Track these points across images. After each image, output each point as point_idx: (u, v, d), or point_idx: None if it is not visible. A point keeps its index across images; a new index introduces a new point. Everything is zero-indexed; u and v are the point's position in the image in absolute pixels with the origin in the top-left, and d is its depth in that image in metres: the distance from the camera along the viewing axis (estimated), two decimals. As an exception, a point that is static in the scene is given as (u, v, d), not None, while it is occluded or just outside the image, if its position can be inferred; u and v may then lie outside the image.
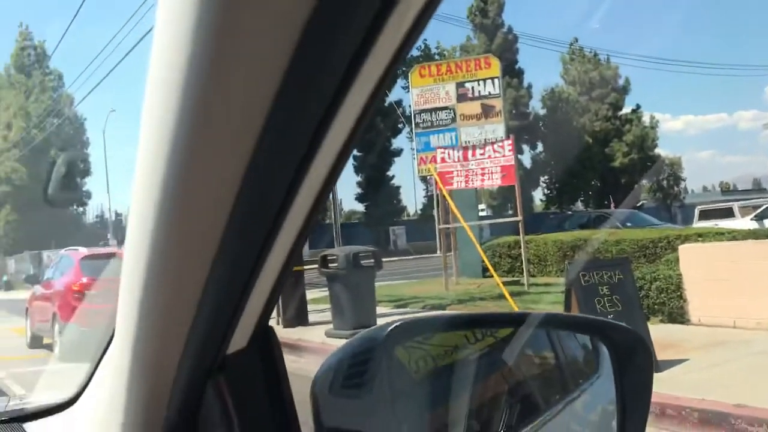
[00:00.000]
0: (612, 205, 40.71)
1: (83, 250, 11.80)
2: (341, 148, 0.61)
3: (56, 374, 7.09)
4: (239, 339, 0.75)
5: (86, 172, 49.17)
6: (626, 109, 44.74)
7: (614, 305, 6.40)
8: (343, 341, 0.91)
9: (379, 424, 0.84)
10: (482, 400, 1.05)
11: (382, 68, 0.56)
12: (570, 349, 1.23)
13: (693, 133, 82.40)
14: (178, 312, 0.68)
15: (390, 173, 46.92)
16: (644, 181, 44.77)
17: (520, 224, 13.59)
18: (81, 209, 51.42)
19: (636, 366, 1.06)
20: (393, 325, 0.88)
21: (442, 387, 1.04)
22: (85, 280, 10.67)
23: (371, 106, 0.59)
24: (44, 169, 44.15)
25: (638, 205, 38.97)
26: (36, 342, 12.09)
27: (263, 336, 0.79)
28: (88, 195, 50.79)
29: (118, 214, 46.93)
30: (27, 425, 1.09)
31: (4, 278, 38.88)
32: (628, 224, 19.55)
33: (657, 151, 45.85)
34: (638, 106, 44.97)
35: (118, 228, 41.14)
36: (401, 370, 0.97)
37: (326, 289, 10.26)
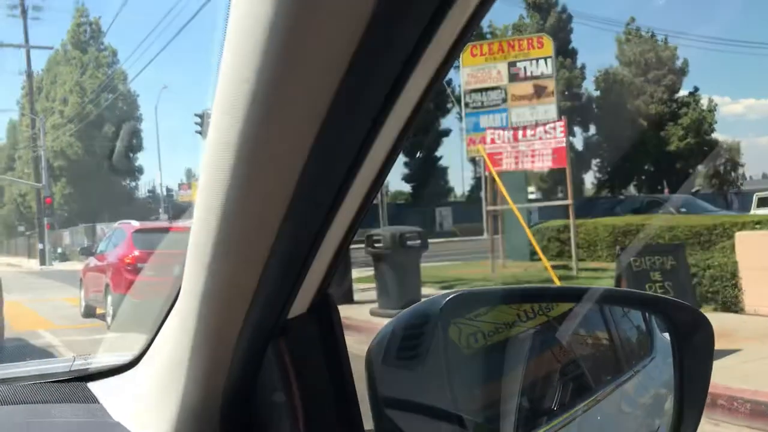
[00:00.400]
0: (666, 190, 39.77)
1: (135, 224, 12.09)
2: (400, 130, 0.63)
3: (112, 341, 7.33)
4: (300, 305, 0.77)
5: (139, 147, 50.28)
6: (683, 92, 43.49)
7: (666, 292, 6.28)
8: (388, 320, 0.92)
9: (432, 397, 0.84)
10: (534, 378, 1.05)
11: (441, 56, 0.58)
12: (624, 331, 1.22)
13: (754, 118, 79.48)
14: (242, 276, 0.69)
15: (438, 154, 46.73)
16: (701, 167, 43.53)
17: (570, 208, 13.40)
18: (133, 184, 52.67)
19: (696, 347, 1.04)
20: (448, 297, 0.88)
21: (494, 363, 1.04)
22: (137, 252, 10.94)
23: (429, 92, 0.60)
24: (99, 143, 45.31)
25: (694, 191, 37.97)
26: (89, 312, 12.47)
27: (323, 303, 0.80)
28: (140, 170, 51.96)
29: (169, 190, 47.97)
30: (90, 384, 1.13)
31: (59, 250, 40.18)
32: (683, 210, 19.10)
33: (715, 135, 44.50)
34: (696, 89, 43.68)
35: (168, 203, 42.05)
36: (452, 345, 0.97)
37: (372, 268, 10.31)
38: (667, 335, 1.11)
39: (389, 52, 0.55)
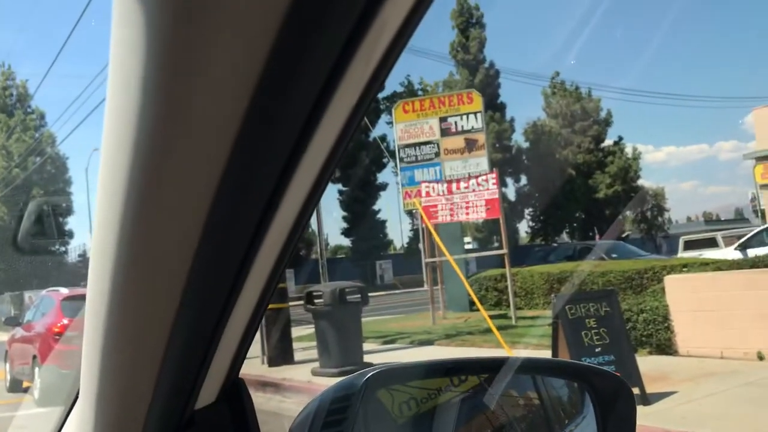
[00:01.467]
0: (597, 236, 40.91)
1: (64, 291, 11.63)
2: (306, 197, 0.59)
3: (33, 419, 6.93)
4: (208, 393, 0.72)
5: (68, 212, 48.81)
6: (608, 141, 45.24)
7: (602, 338, 6.38)
8: (331, 380, 0.88)
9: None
10: (466, 445, 1.03)
11: (346, 113, 0.54)
12: (554, 389, 1.21)
13: (675, 164, 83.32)
14: (142, 367, 0.64)
15: (375, 207, 47.00)
16: (628, 212, 45.06)
17: (505, 257, 13.61)
18: (63, 249, 50.89)
19: (619, 412, 1.04)
20: (370, 373, 0.86)
21: (425, 431, 1.01)
22: (66, 321, 10.49)
23: (333, 159, 0.57)
24: (25, 209, 43.81)
25: (623, 236, 39.20)
26: (15, 386, 11.83)
27: (233, 389, 0.76)
28: (71, 234, 50.30)
29: (101, 253, 46.52)
30: None
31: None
32: (614, 255, 19.63)
33: (640, 182, 46.30)
34: (620, 138, 45.50)
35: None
36: (384, 414, 0.94)
37: (312, 325, 10.16)
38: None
39: (292, 100, 0.50)
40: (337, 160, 0.59)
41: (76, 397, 0.81)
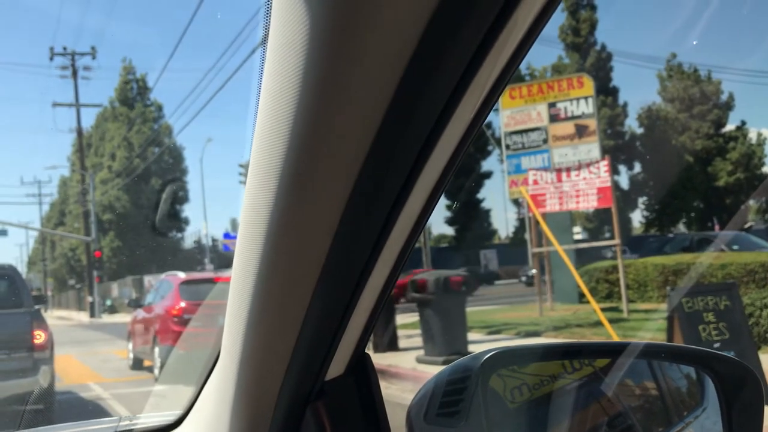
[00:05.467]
0: (716, 227, 38.76)
1: (182, 275, 12.24)
2: (436, 181, 0.62)
3: (159, 396, 7.39)
4: (337, 366, 0.77)
5: (185, 200, 51.33)
6: (730, 126, 42.68)
7: (721, 333, 6.07)
8: (435, 368, 0.91)
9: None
10: (581, 431, 1.02)
11: (477, 103, 0.57)
12: (673, 380, 1.18)
13: (805, 150, 77.41)
14: (280, 340, 0.70)
15: (480, 196, 46.59)
16: (751, 201, 42.39)
17: (617, 247, 13.16)
18: (180, 235, 53.62)
19: (745, 401, 1.00)
20: (488, 354, 0.87)
21: (539, 417, 1.01)
22: (183, 304, 11.06)
23: (466, 141, 0.60)
24: (146, 197, 46.44)
25: (746, 226, 36.90)
26: (137, 364, 12.60)
27: (360, 363, 0.80)
28: (186, 221, 52.93)
29: (214, 240, 48.76)
30: None
31: (108, 302, 40.86)
32: (735, 247, 18.55)
33: (765, 169, 43.41)
34: (743, 123, 42.83)
35: (213, 253, 42.67)
36: (496, 399, 0.95)
37: (415, 313, 10.22)
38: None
39: (423, 104, 0.54)
40: (462, 156, 0.62)
41: (214, 364, 0.87)
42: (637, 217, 45.80)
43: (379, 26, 0.48)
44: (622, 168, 42.49)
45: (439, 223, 47.36)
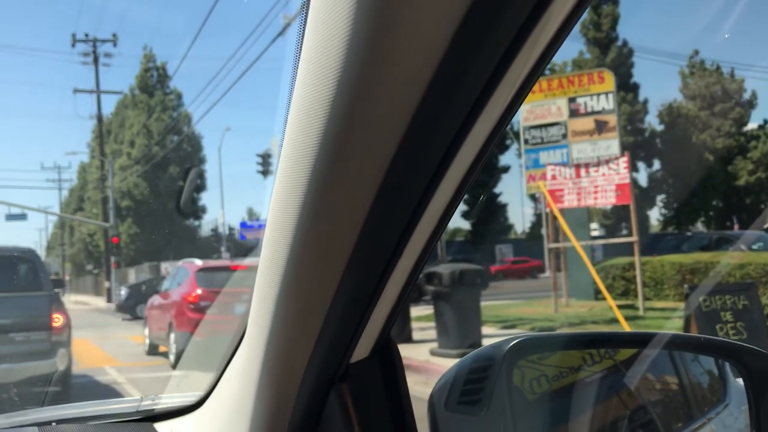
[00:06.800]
0: (736, 226, 38.37)
1: (198, 262, 12.30)
2: (464, 174, 0.63)
3: (176, 380, 7.46)
4: (362, 349, 0.77)
5: (203, 188, 51.58)
6: (752, 125, 42.15)
7: (738, 333, 6.03)
8: (449, 360, 0.91)
9: (496, 443, 0.83)
10: (602, 425, 1.02)
11: (508, 98, 0.57)
12: (694, 375, 1.17)
13: (828, 151, 76.20)
14: (306, 321, 0.70)
15: (497, 190, 46.42)
16: (772, 202, 41.88)
17: (635, 245, 13.06)
18: (197, 223, 53.94)
19: None
20: (512, 342, 0.87)
21: (558, 409, 1.01)
22: (200, 291, 11.12)
23: (496, 135, 0.60)
24: (163, 184, 46.76)
25: (766, 227, 36.47)
26: (153, 350, 12.70)
27: (385, 347, 0.80)
28: (204, 209, 53.21)
29: (231, 229, 49.05)
30: (157, 425, 1.15)
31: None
32: (755, 247, 18.36)
33: (787, 169, 42.87)
34: (766, 121, 42.27)
35: (230, 241, 42.91)
36: (515, 390, 0.95)
37: (428, 306, 10.23)
38: (740, 380, 1.06)
39: (454, 100, 0.56)
40: (489, 152, 0.63)
41: (237, 346, 0.88)
42: (655, 215, 45.42)
43: (414, 24, 0.49)
44: (641, 165, 42.14)
45: (455, 217, 47.28)
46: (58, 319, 8.07)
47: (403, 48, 0.51)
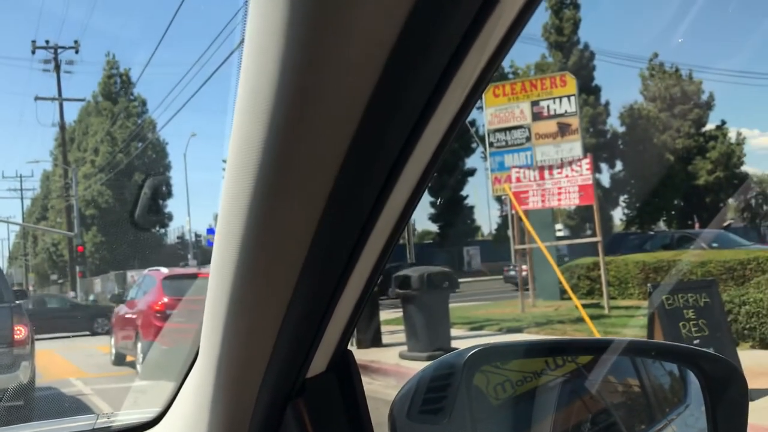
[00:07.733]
0: (696, 225, 39.17)
1: (164, 270, 12.18)
2: (419, 177, 0.61)
3: (139, 392, 7.33)
4: (319, 363, 0.76)
5: (168, 195, 50.92)
6: (710, 126, 43.10)
7: (700, 330, 6.13)
8: (419, 363, 0.90)
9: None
10: (563, 429, 1.02)
11: (460, 99, 0.56)
12: (655, 377, 1.18)
13: (784, 150, 78.29)
14: (260, 336, 0.69)
15: (463, 193, 46.69)
16: (731, 201, 42.86)
17: (599, 245, 13.24)
18: (162, 230, 53.23)
19: (729, 398, 1.00)
20: (472, 351, 0.87)
21: (522, 414, 1.01)
22: (166, 299, 10.99)
23: (449, 137, 0.59)
24: (129, 192, 46.08)
25: (725, 225, 37.31)
26: (120, 359, 12.50)
27: (342, 360, 0.79)
28: (170, 217, 52.54)
29: (197, 236, 48.48)
30: None
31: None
32: (715, 245, 18.74)
33: (744, 168, 43.91)
34: (723, 122, 43.26)
35: (197, 249, 42.44)
36: (479, 395, 0.95)
37: (398, 310, 10.24)
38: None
39: (406, 99, 0.54)
40: (446, 150, 0.61)
41: (194, 361, 0.86)
42: (618, 215, 46.15)
43: (357, 22, 0.48)
44: (604, 166, 42.76)
45: (422, 220, 47.49)
46: (20, 332, 7.88)
47: (348, 48, 0.49)
